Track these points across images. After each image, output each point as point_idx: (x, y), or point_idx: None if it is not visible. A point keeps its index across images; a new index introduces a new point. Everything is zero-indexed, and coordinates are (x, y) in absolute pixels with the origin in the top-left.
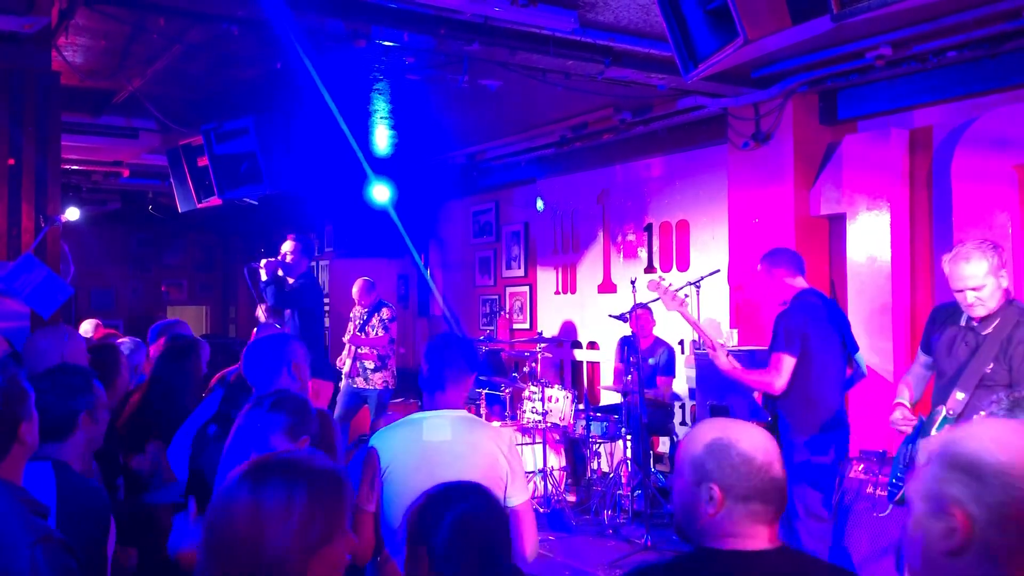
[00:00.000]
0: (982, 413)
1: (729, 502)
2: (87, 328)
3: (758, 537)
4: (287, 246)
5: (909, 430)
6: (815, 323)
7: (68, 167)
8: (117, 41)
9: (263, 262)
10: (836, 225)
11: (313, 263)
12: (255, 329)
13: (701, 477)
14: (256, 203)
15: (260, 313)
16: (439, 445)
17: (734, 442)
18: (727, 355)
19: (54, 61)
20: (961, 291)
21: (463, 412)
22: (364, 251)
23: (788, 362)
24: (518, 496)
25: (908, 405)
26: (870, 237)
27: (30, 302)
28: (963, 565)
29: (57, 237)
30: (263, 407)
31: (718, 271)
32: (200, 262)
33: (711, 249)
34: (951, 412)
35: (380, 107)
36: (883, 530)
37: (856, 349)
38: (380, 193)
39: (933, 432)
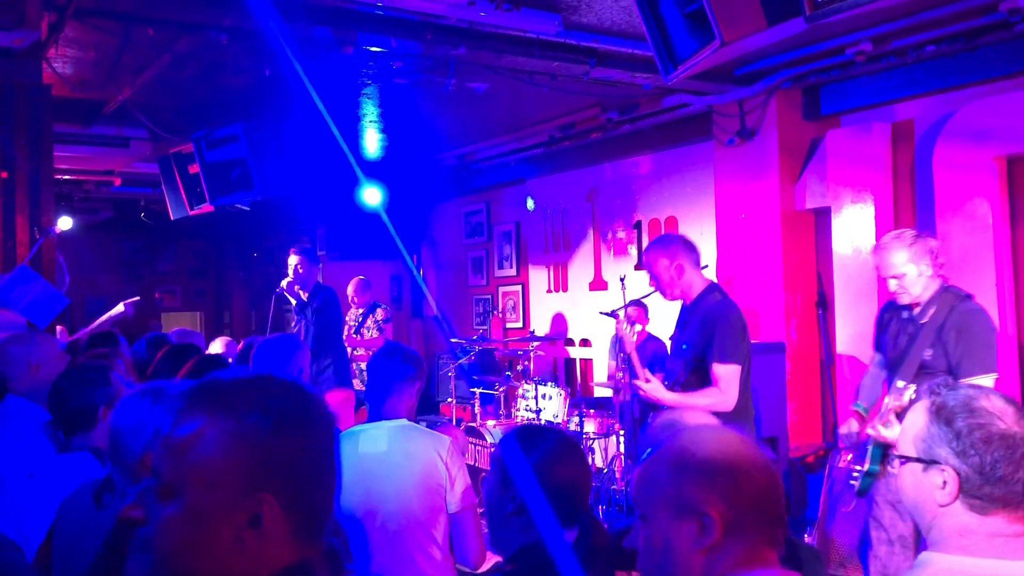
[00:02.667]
0: (899, 383)
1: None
2: (217, 346)
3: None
4: (293, 260)
5: (852, 446)
6: (744, 323)
7: (60, 177)
8: (107, 52)
9: (284, 284)
10: (821, 218)
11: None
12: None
13: (687, 503)
14: (248, 208)
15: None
16: (374, 457)
17: (740, 457)
18: (660, 386)
19: (44, 73)
20: (885, 279)
21: (403, 421)
22: (357, 254)
23: (735, 373)
24: (458, 503)
25: (861, 413)
26: (855, 229)
27: (26, 313)
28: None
29: (52, 248)
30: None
31: (707, 266)
32: (193, 269)
33: (699, 244)
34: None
35: (369, 111)
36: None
37: None
38: (371, 196)
39: (878, 427)
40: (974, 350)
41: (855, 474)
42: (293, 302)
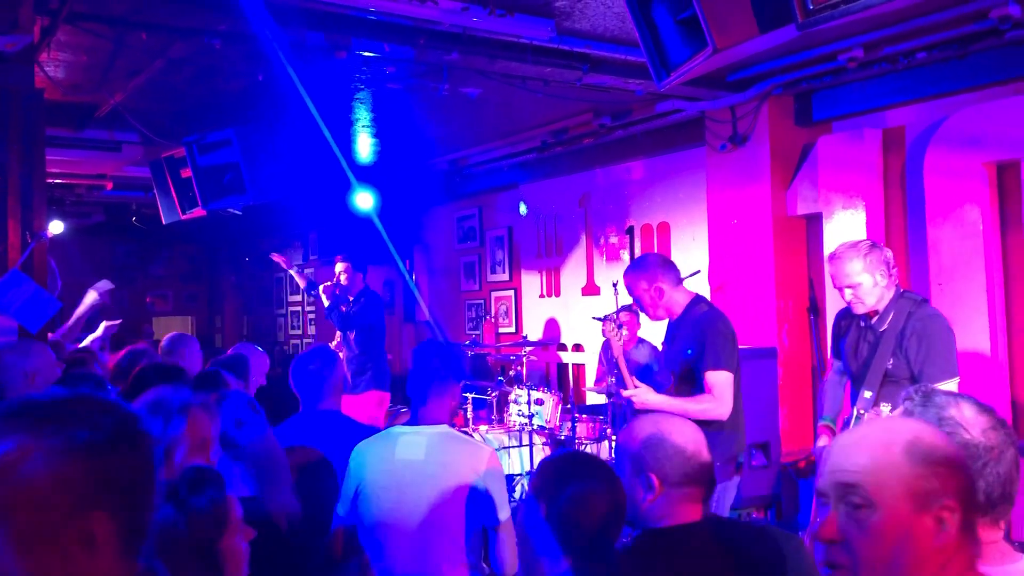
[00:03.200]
0: (884, 408)
1: (667, 488)
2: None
3: (692, 514)
4: (339, 267)
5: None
6: (734, 332)
7: (51, 181)
8: (99, 56)
9: (321, 288)
10: (813, 224)
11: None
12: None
13: (639, 468)
14: (240, 213)
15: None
16: (411, 464)
17: (667, 435)
18: (649, 391)
19: (36, 77)
20: (840, 289)
21: (443, 429)
22: (349, 258)
23: (728, 381)
24: (495, 518)
25: (833, 427)
26: (846, 235)
27: (18, 317)
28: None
29: (44, 252)
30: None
31: (699, 272)
32: (185, 273)
33: (692, 250)
34: (862, 411)
35: (362, 116)
36: None
37: None
38: (364, 200)
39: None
40: (935, 356)
41: None
42: (326, 303)
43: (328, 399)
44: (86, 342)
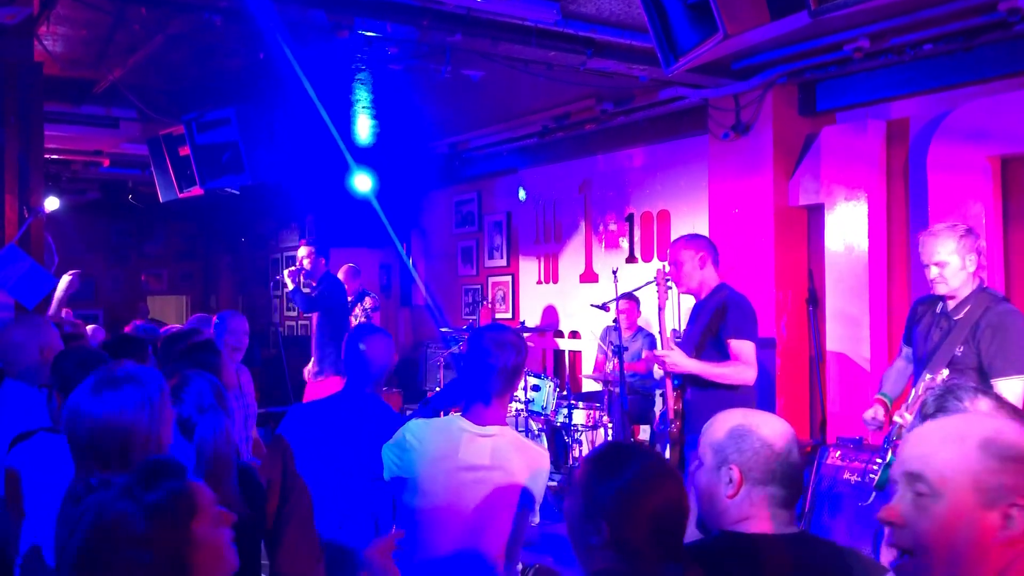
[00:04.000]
0: (928, 375)
1: (747, 485)
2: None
3: (777, 520)
4: (302, 251)
5: (876, 430)
6: (755, 313)
7: (48, 156)
8: (98, 31)
9: (286, 273)
10: (814, 215)
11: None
12: None
13: (721, 461)
14: (238, 193)
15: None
16: (473, 467)
17: (755, 428)
18: (682, 354)
19: (35, 51)
20: (927, 266)
21: (508, 433)
22: (346, 241)
23: (752, 349)
24: (531, 519)
25: (887, 402)
26: (848, 227)
27: (14, 293)
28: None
29: (41, 228)
30: None
31: None
32: (180, 252)
33: None
34: (921, 392)
35: (362, 97)
36: (861, 517)
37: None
38: (362, 183)
39: (904, 415)
40: (1008, 350)
41: (875, 467)
42: (290, 287)
43: (369, 384)
44: (58, 296)
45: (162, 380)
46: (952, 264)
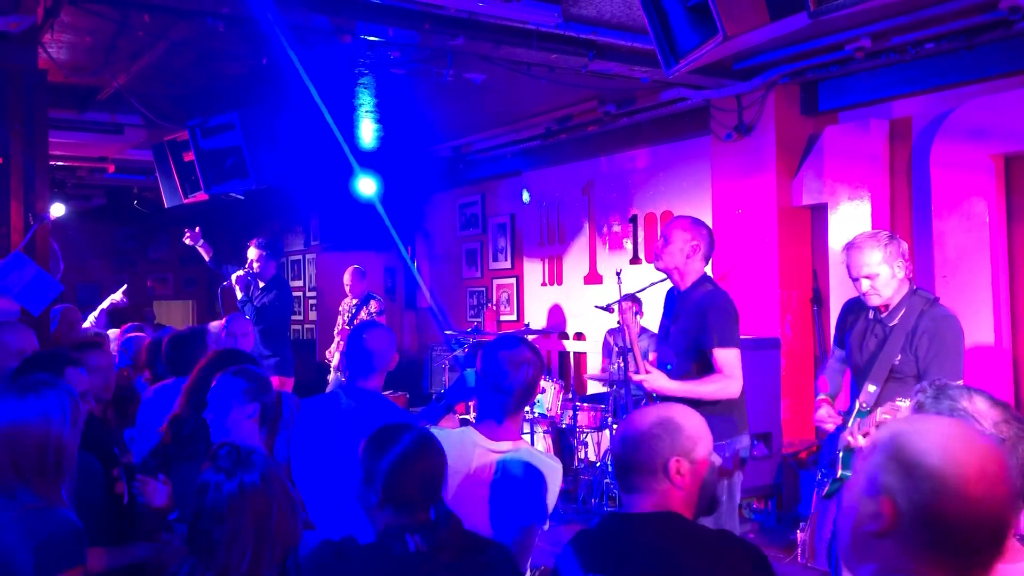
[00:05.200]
0: (901, 402)
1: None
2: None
3: None
4: (252, 253)
5: (832, 428)
6: (737, 311)
7: (53, 163)
8: (102, 38)
9: (234, 278)
10: (818, 215)
11: (301, 256)
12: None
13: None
14: (242, 198)
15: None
16: (484, 483)
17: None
18: (661, 375)
19: (39, 58)
20: (856, 279)
21: (521, 448)
22: (351, 244)
23: (736, 357)
24: (542, 526)
25: (830, 400)
26: (851, 226)
27: (20, 299)
28: (881, 548)
29: (46, 234)
30: (229, 372)
31: None
32: (185, 257)
33: None
34: (864, 405)
35: (365, 101)
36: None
37: None
38: (366, 186)
39: (850, 424)
40: (943, 357)
41: (821, 478)
42: (240, 295)
43: (371, 378)
44: (91, 318)
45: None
46: (882, 275)
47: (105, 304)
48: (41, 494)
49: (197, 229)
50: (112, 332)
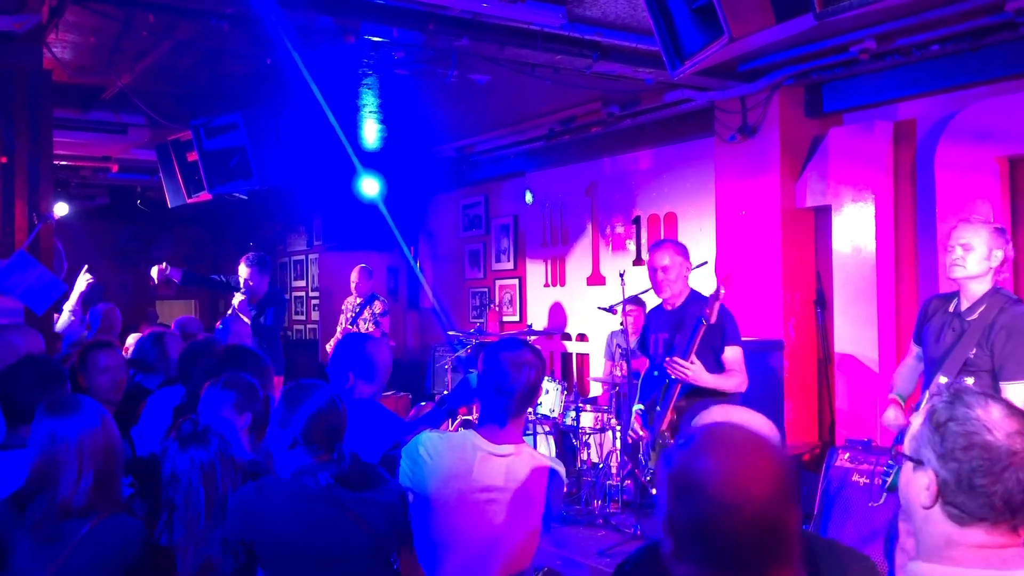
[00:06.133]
0: (942, 379)
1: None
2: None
3: None
4: (244, 272)
5: (897, 430)
6: None
7: (57, 162)
8: (107, 37)
9: (236, 303)
10: (822, 217)
11: (304, 257)
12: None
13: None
14: (245, 197)
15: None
16: (488, 488)
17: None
18: (703, 369)
19: (44, 58)
20: (952, 248)
21: (524, 452)
22: (353, 244)
23: (742, 354)
24: (548, 528)
25: (900, 402)
26: (855, 228)
27: (24, 299)
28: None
29: (50, 234)
30: (218, 385)
31: (705, 263)
32: (189, 257)
33: (698, 241)
34: (935, 395)
35: (369, 101)
36: (870, 518)
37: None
38: (369, 187)
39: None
40: (1020, 354)
41: (883, 468)
42: (247, 321)
43: (364, 387)
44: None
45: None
46: (977, 250)
47: (74, 297)
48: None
49: (164, 265)
50: (133, 337)
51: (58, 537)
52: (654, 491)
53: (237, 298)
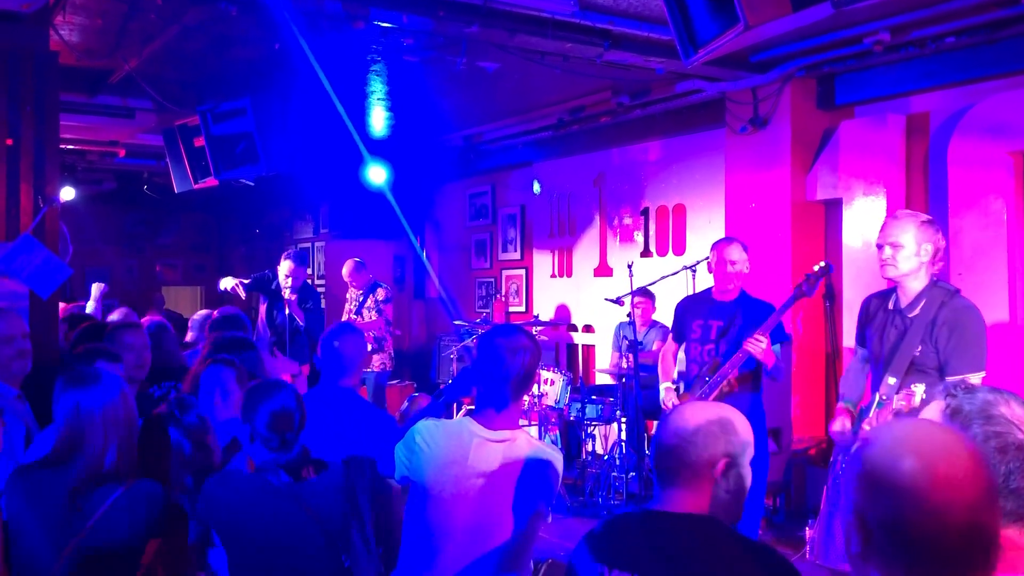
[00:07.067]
0: (916, 387)
1: None
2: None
3: None
4: (286, 268)
5: (847, 442)
6: None
7: (64, 147)
8: (114, 20)
9: (288, 305)
10: (832, 210)
11: (310, 244)
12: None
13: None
14: (252, 184)
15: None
16: (483, 474)
17: None
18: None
19: (51, 40)
20: (880, 246)
21: (520, 438)
22: (360, 232)
23: None
24: (545, 513)
25: (851, 410)
26: (866, 222)
27: (29, 283)
28: (868, 570)
29: (56, 217)
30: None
31: (708, 259)
32: (195, 243)
33: (707, 233)
34: (883, 397)
35: (377, 88)
36: None
37: None
38: (376, 175)
39: (870, 415)
40: (964, 348)
41: (834, 481)
42: (302, 323)
43: (347, 376)
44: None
45: None
46: (906, 248)
47: (91, 306)
48: None
49: (238, 282)
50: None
51: (93, 502)
52: None
53: (287, 292)
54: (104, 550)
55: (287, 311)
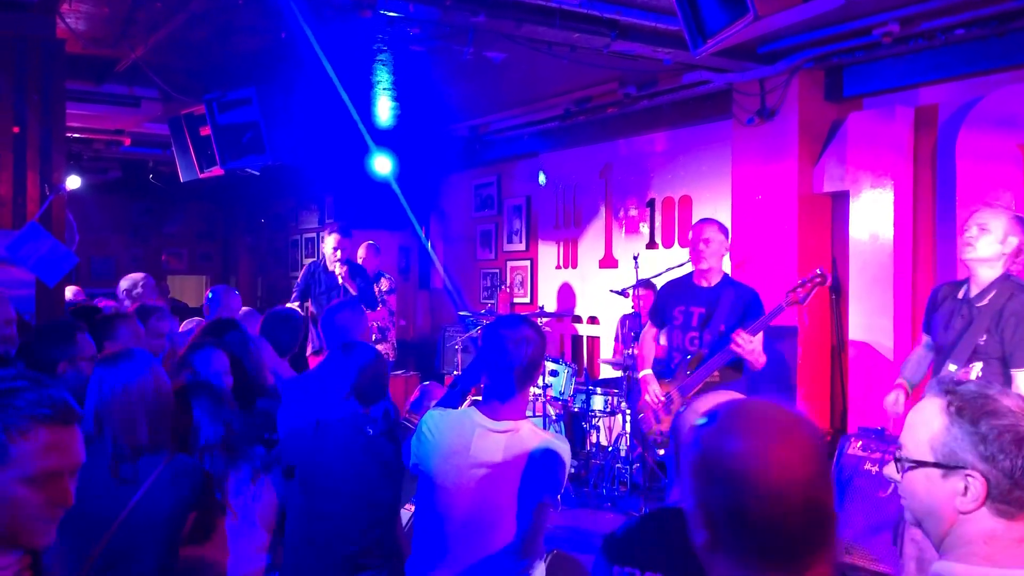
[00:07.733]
0: (951, 366)
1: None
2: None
3: None
4: (332, 242)
5: (898, 415)
6: None
7: (70, 135)
8: (120, 8)
9: (339, 270)
10: (839, 202)
11: (316, 234)
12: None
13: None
14: (258, 173)
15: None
16: (486, 464)
17: None
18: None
19: (57, 28)
20: (968, 227)
21: (524, 427)
22: (365, 223)
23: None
24: (553, 501)
25: (907, 387)
26: (873, 215)
27: (35, 270)
28: (717, 563)
29: (62, 206)
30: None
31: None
32: (200, 232)
33: None
34: None
35: (383, 78)
36: (880, 507)
37: None
38: (382, 165)
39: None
40: None
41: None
42: (353, 292)
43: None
44: None
45: None
46: (992, 233)
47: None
48: None
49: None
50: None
51: (137, 474)
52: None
53: (339, 268)
54: (150, 521)
55: (340, 281)
